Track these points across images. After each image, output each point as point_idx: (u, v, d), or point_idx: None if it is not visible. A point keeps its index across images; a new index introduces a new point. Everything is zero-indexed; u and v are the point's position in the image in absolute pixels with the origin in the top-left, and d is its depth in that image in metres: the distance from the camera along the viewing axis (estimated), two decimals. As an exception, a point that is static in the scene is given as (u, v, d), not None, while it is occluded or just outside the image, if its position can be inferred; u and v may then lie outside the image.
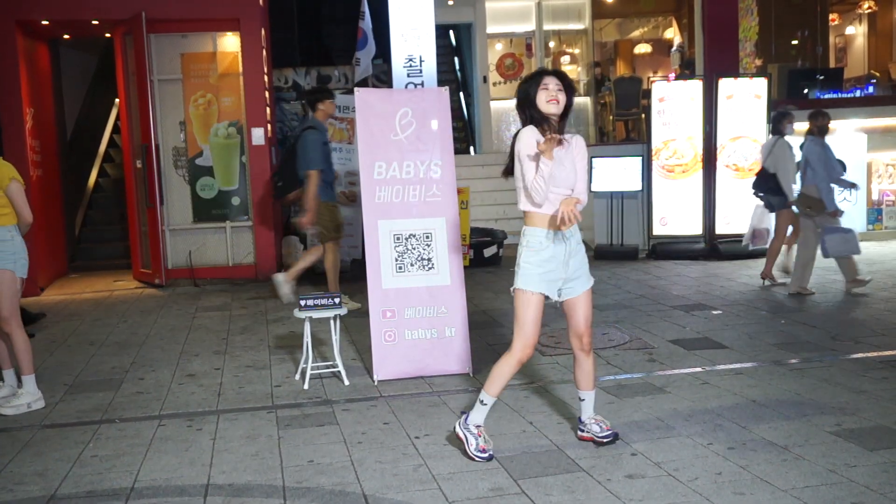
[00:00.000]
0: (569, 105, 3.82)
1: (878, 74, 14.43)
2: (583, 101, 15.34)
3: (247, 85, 9.64)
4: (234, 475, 3.91)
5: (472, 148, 14.94)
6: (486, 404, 3.96)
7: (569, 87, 3.81)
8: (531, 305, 3.83)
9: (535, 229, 3.83)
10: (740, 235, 10.14)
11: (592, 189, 10.34)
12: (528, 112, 3.82)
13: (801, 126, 10.88)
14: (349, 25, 11.30)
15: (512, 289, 3.91)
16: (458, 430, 4.02)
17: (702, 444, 4.03)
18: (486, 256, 10.02)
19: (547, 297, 3.87)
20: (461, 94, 15.59)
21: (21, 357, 5.08)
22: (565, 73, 3.79)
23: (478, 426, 3.97)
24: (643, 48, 16.96)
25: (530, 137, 3.77)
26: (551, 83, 3.76)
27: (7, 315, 5.03)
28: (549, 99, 3.74)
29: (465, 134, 15.15)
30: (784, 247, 8.23)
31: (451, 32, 16.27)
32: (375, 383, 5.30)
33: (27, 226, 5.11)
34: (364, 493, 3.64)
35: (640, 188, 10.22)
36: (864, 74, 14.74)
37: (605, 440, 4.04)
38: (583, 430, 4.13)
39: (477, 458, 3.90)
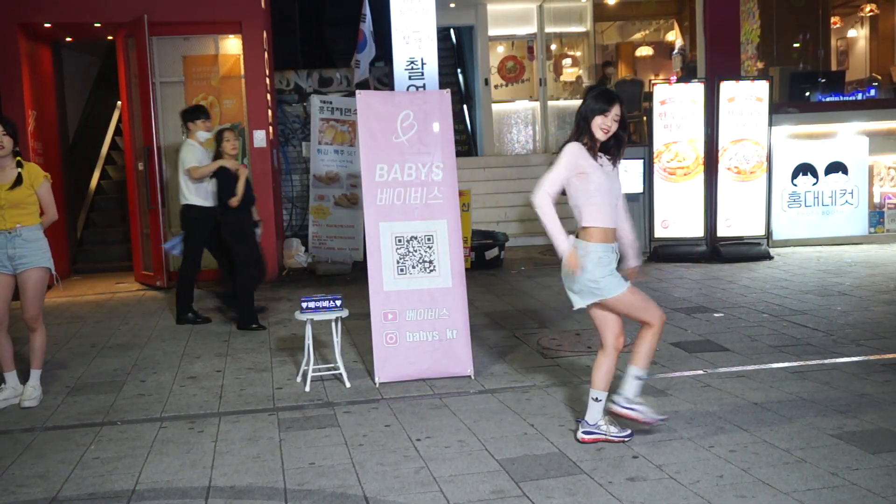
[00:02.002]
0: (616, 135, 4.06)
1: (879, 77, 14.42)
2: (584, 103, 15.31)
3: (248, 87, 9.65)
4: (235, 477, 3.91)
5: (473, 150, 14.95)
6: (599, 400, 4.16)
7: (623, 119, 4.06)
8: (634, 292, 4.07)
9: (600, 245, 4.05)
10: (741, 238, 10.15)
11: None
12: (581, 124, 4.05)
13: (804, 129, 10.94)
14: (350, 27, 11.32)
15: (580, 307, 4.09)
16: (587, 437, 4.14)
17: (703, 446, 4.03)
18: (488, 259, 10.02)
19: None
20: (463, 96, 15.59)
21: (39, 353, 5.28)
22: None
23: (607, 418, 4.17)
24: (644, 51, 16.97)
25: (577, 157, 4.02)
26: (612, 112, 3.98)
27: (37, 313, 5.23)
28: (602, 127, 3.99)
29: (466, 136, 15.16)
30: None
31: (453, 35, 16.28)
32: (377, 385, 5.30)
33: (50, 222, 5.32)
34: (365, 495, 3.64)
35: (641, 191, 10.22)
36: (865, 77, 14.73)
37: (626, 439, 4.16)
38: (631, 409, 4.15)
39: (626, 439, 4.10)
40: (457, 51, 16.35)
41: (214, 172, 7.11)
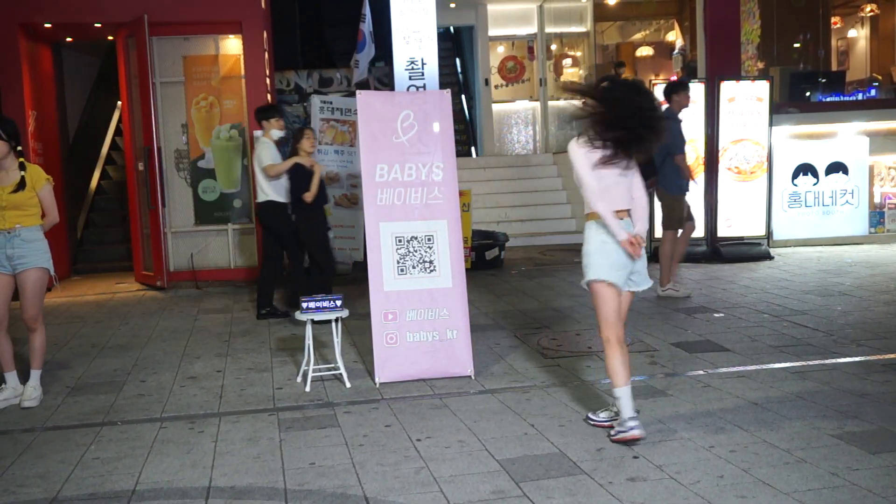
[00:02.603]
0: None
1: (880, 77, 14.42)
2: (584, 103, 15.33)
3: (249, 87, 9.65)
4: (235, 478, 3.91)
5: (473, 150, 14.95)
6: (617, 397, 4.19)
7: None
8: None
9: None
10: (742, 238, 10.15)
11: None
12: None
13: (804, 129, 10.94)
14: (350, 28, 11.33)
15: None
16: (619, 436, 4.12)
17: (703, 446, 4.03)
18: (488, 259, 10.02)
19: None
20: (463, 96, 15.60)
21: (39, 353, 5.28)
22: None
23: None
24: (645, 51, 16.97)
25: None
26: None
27: (36, 313, 5.22)
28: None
29: (466, 136, 15.16)
30: None
31: (453, 35, 16.28)
32: (377, 386, 5.30)
33: (51, 225, 5.30)
34: (365, 495, 3.64)
35: (641, 191, 10.21)
36: (866, 77, 14.73)
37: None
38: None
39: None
40: (457, 51, 16.36)
41: (290, 169, 7.22)
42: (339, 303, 5.33)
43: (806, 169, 10.61)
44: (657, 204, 8.16)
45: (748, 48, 11.28)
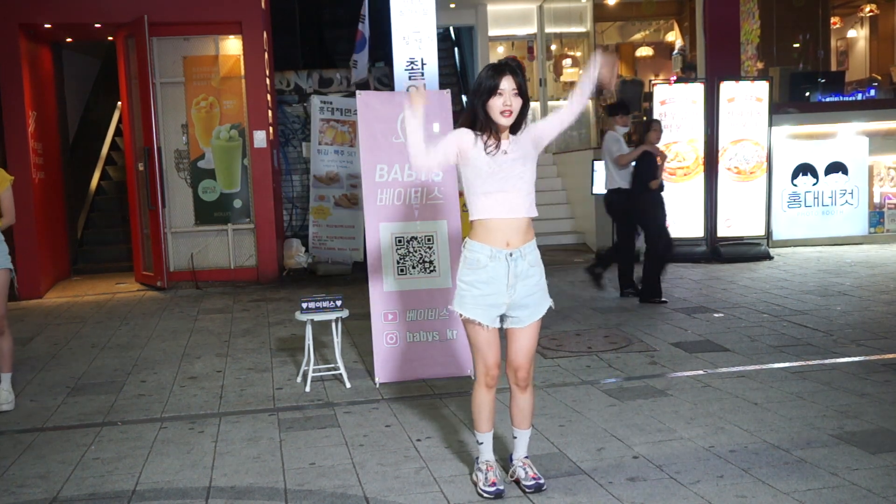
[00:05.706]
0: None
1: (879, 78, 14.42)
2: (584, 103, 15.36)
3: (249, 88, 9.66)
4: (235, 478, 3.91)
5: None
6: (481, 442, 3.62)
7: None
8: (479, 331, 3.41)
9: (475, 244, 3.37)
10: (741, 238, 10.16)
11: (595, 192, 10.34)
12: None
13: (804, 129, 10.94)
14: (351, 28, 11.33)
15: (449, 306, 3.43)
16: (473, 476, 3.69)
17: (703, 446, 4.03)
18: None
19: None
20: (462, 96, 15.59)
21: (7, 357, 5.18)
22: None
23: (486, 461, 3.61)
24: (645, 51, 16.98)
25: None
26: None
27: (3, 313, 5.11)
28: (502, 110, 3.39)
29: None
30: None
31: (453, 35, 16.28)
32: (377, 386, 5.31)
33: (8, 226, 5.20)
34: (366, 495, 3.64)
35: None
36: (865, 78, 14.74)
37: (528, 489, 3.55)
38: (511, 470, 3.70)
39: (485, 495, 3.52)
40: (457, 51, 16.35)
41: (639, 156, 7.68)
42: (338, 303, 5.34)
43: (805, 169, 10.62)
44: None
45: (748, 48, 11.28)
